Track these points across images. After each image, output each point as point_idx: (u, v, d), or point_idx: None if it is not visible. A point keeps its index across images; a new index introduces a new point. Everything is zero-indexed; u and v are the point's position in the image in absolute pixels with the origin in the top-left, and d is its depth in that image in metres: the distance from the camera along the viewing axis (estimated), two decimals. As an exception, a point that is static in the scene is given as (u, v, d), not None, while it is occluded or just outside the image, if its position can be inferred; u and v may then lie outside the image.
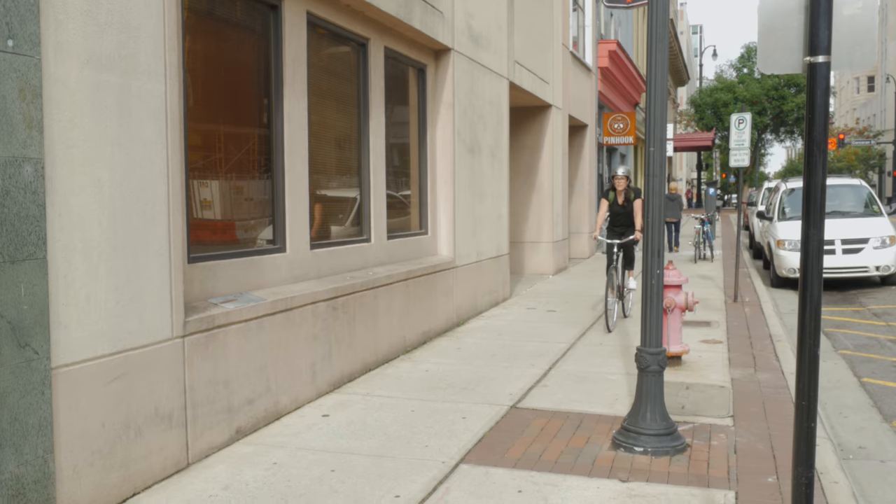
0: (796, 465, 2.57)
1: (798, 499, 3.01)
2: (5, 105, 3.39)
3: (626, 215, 9.27)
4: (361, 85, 7.39)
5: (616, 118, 19.50)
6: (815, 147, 2.98)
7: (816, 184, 2.96)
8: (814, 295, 2.93)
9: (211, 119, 5.33)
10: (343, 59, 7.14)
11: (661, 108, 4.83)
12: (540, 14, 13.37)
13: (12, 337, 3.42)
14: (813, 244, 2.95)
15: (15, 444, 3.43)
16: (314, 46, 6.54)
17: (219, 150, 5.40)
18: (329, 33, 6.81)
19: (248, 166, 5.71)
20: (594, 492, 4.24)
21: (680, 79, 49.19)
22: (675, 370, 6.95)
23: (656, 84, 4.76)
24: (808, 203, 2.98)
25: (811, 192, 2.97)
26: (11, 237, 3.42)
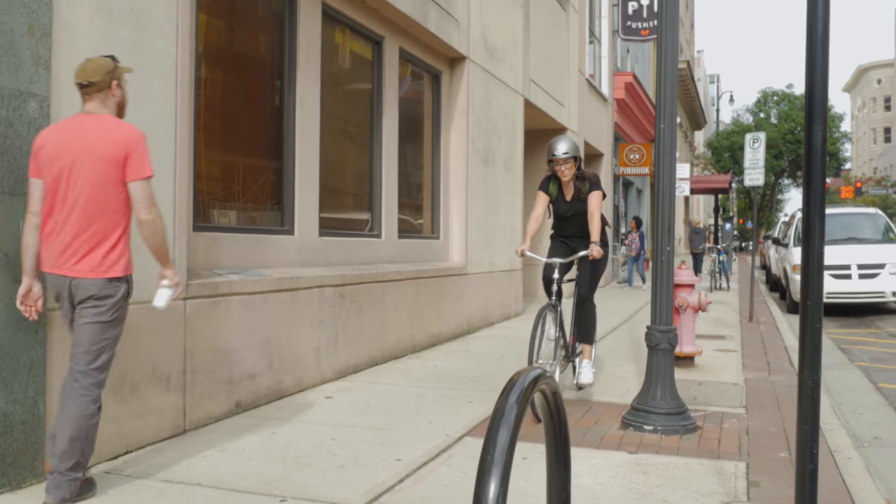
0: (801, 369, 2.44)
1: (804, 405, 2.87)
2: (13, 39, 3.40)
3: (578, 218, 5.52)
4: (375, 82, 7.43)
5: (632, 148, 19.53)
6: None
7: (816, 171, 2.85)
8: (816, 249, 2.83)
9: (223, 92, 5.35)
10: (357, 54, 7.18)
11: (671, 83, 4.79)
12: (556, 38, 13.49)
13: (7, 270, 3.38)
14: (815, 232, 2.84)
15: (5, 380, 3.37)
16: (328, 38, 6.59)
17: (230, 126, 5.41)
18: (344, 26, 6.87)
19: (258, 145, 5.70)
20: (602, 460, 4.11)
21: (697, 123, 49.39)
22: (687, 370, 6.80)
23: (667, 55, 4.72)
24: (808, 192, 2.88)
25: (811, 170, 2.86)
26: (12, 169, 3.40)
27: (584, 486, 3.70)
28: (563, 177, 5.34)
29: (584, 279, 5.46)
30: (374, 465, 3.95)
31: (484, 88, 9.66)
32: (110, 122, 3.30)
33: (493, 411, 1.31)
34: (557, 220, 5.65)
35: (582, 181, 5.41)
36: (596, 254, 5.11)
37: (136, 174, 3.28)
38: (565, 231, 5.64)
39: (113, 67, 3.37)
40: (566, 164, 5.29)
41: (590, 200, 5.37)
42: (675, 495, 3.59)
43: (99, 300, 3.26)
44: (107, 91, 3.36)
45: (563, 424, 1.51)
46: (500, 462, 1.20)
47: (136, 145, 3.28)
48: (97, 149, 3.22)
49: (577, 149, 5.31)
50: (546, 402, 1.47)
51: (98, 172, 3.22)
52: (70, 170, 3.22)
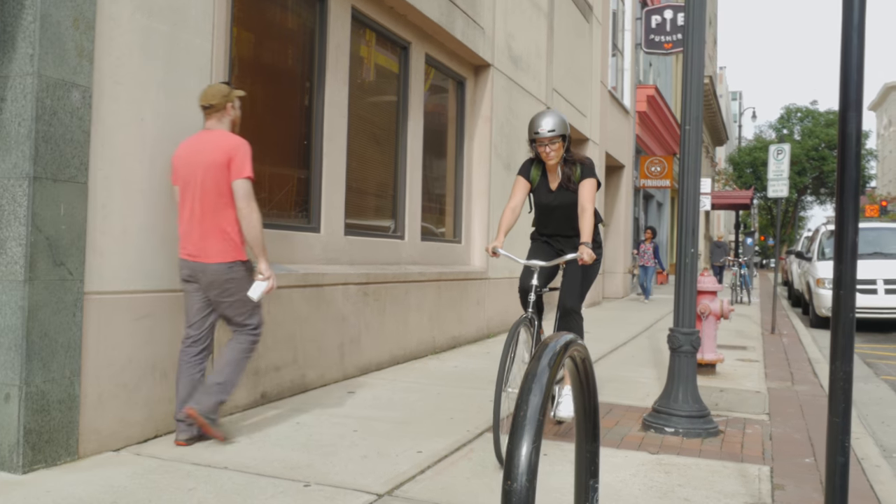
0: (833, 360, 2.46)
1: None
2: (59, 31, 3.51)
3: (565, 212, 4.61)
4: (401, 86, 7.52)
5: (653, 161, 19.52)
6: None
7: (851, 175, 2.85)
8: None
9: (254, 90, 5.45)
10: (384, 58, 7.28)
11: (697, 85, 4.83)
12: (579, 49, 13.55)
13: (49, 253, 3.48)
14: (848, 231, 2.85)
15: (43, 359, 3.46)
16: (356, 41, 6.69)
17: (260, 123, 5.51)
18: (372, 31, 6.97)
19: (287, 143, 5.80)
20: (622, 459, 4.13)
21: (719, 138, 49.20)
22: (708, 377, 6.79)
23: (692, 57, 4.77)
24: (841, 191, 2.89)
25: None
26: (55, 156, 3.50)
27: (605, 483, 3.72)
28: (548, 160, 4.41)
29: (571, 286, 4.49)
30: (395, 455, 4.00)
31: (507, 96, 9.73)
32: (222, 135, 3.97)
33: (524, 374, 1.35)
34: (540, 214, 4.69)
35: (572, 166, 4.46)
36: (587, 258, 4.17)
37: (237, 174, 3.91)
38: (549, 228, 4.70)
39: (228, 92, 4.06)
40: (552, 145, 4.34)
41: (581, 190, 4.40)
42: (697, 495, 3.60)
43: (226, 283, 3.95)
44: (223, 111, 4.06)
45: (592, 394, 1.55)
46: (532, 422, 1.25)
47: (238, 150, 3.92)
48: (211, 157, 3.89)
49: (566, 125, 4.37)
50: (576, 370, 1.52)
51: (212, 177, 3.89)
52: (194, 176, 3.91)
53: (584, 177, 4.45)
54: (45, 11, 3.43)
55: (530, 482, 1.16)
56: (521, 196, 4.60)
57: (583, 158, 4.51)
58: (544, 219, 4.70)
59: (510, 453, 1.20)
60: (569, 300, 4.50)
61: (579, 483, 1.54)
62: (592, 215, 4.36)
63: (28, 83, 3.41)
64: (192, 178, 3.91)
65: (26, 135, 3.41)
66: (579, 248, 4.23)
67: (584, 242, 4.25)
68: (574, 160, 4.48)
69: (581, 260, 4.21)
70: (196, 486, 3.37)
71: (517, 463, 1.17)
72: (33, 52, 3.40)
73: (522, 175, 4.60)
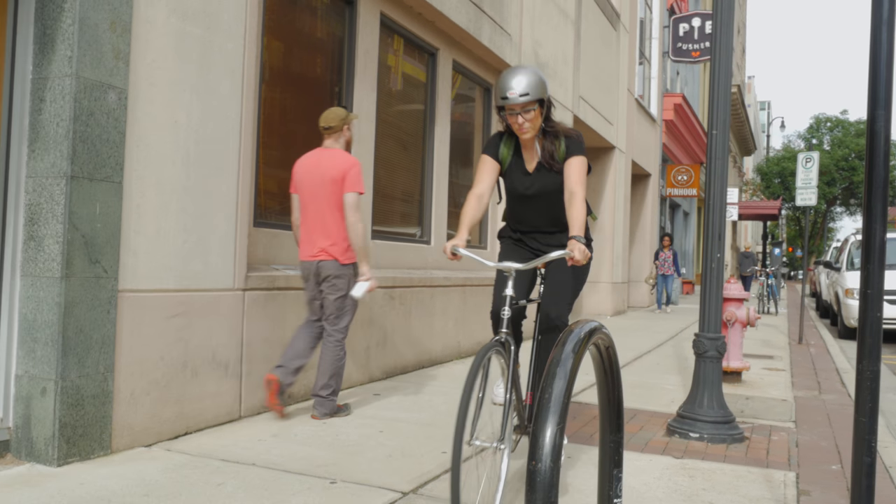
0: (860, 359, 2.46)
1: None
2: (97, 33, 3.60)
3: (547, 201, 3.66)
4: (429, 92, 7.58)
5: (680, 169, 19.42)
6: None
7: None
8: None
9: (283, 94, 5.53)
10: (412, 64, 7.35)
11: (724, 90, 4.83)
12: (606, 57, 13.55)
13: (85, 251, 3.56)
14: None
15: (78, 355, 3.54)
16: (385, 47, 6.76)
17: (289, 127, 5.59)
18: (400, 37, 7.04)
19: (315, 147, 5.87)
20: (646, 463, 4.13)
21: (747, 148, 48.80)
22: (734, 385, 6.75)
23: (720, 62, 4.77)
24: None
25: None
26: (92, 156, 3.59)
27: (629, 486, 3.73)
28: (521, 133, 3.45)
29: (557, 292, 3.47)
30: (420, 455, 4.03)
31: (535, 103, 9.74)
32: (338, 154, 4.56)
33: (549, 360, 1.38)
34: (513, 205, 3.69)
35: (554, 139, 3.50)
36: (579, 256, 3.15)
37: (350, 188, 4.51)
38: (524, 222, 3.69)
39: (345, 115, 4.66)
40: (527, 114, 3.38)
41: (568, 171, 3.44)
42: (722, 499, 3.60)
43: (335, 279, 4.53)
44: (339, 132, 4.67)
45: (616, 384, 1.58)
46: (556, 405, 1.28)
47: (351, 168, 4.52)
48: (329, 172, 4.49)
49: (544, 86, 3.40)
50: (600, 358, 1.54)
51: (328, 190, 4.49)
52: (313, 188, 4.52)
53: (571, 154, 3.46)
54: (84, 14, 3.52)
55: (555, 462, 1.19)
56: (489, 181, 3.57)
57: (568, 130, 3.53)
58: (519, 210, 3.67)
59: (535, 435, 1.23)
60: (554, 309, 3.42)
61: (603, 472, 1.56)
62: (583, 202, 3.39)
63: (67, 84, 3.50)
64: (312, 189, 4.53)
65: (64, 135, 3.50)
66: (569, 244, 3.19)
67: (574, 237, 3.23)
68: (556, 132, 3.49)
69: (571, 259, 3.16)
70: (225, 482, 3.43)
71: (542, 444, 1.20)
72: (72, 54, 3.50)
73: (489, 154, 3.59)
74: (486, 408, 3.49)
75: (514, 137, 3.60)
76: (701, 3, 26.58)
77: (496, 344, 3.03)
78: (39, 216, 3.54)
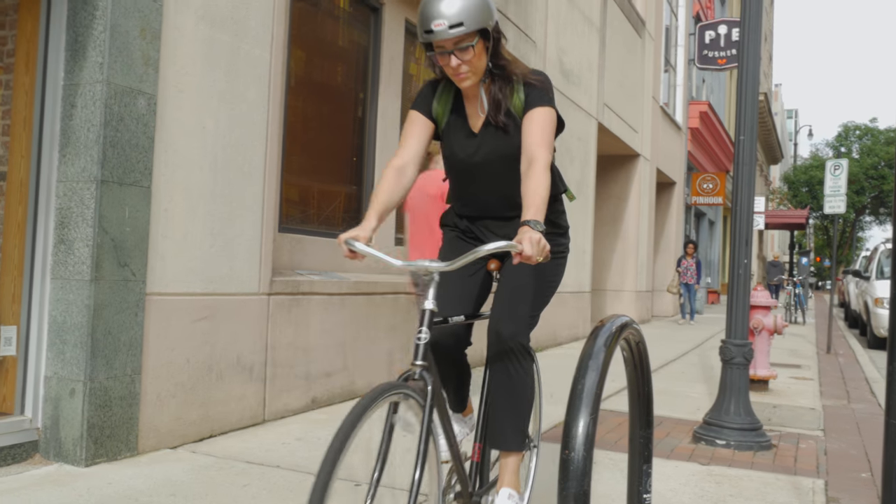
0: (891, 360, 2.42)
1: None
2: (128, 40, 3.66)
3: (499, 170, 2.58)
4: (453, 99, 7.60)
5: (705, 178, 19.29)
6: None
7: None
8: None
9: (309, 100, 5.58)
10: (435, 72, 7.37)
11: (752, 95, 4.80)
12: (631, 65, 13.51)
13: (114, 254, 3.61)
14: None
15: (106, 357, 3.58)
16: (410, 54, 6.80)
17: (315, 133, 5.63)
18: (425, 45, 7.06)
19: (340, 153, 5.91)
20: (672, 469, 4.09)
21: (773, 156, 48.37)
22: (761, 394, 6.68)
23: (748, 67, 4.74)
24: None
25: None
26: (121, 160, 3.65)
27: (655, 492, 3.69)
28: (458, 79, 2.49)
29: (511, 301, 2.51)
30: (445, 461, 4.02)
31: (558, 110, 9.74)
32: (436, 173, 4.93)
33: (580, 354, 1.38)
34: (456, 180, 2.70)
35: (504, 85, 2.52)
36: (530, 249, 2.09)
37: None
38: (472, 204, 2.70)
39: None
40: (463, 54, 2.41)
41: (526, 127, 2.45)
42: (748, 505, 3.56)
43: None
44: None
45: (646, 380, 1.57)
46: (588, 396, 1.28)
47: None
48: (430, 190, 4.86)
49: (488, 11, 2.40)
50: (630, 354, 1.54)
51: (429, 205, 4.86)
52: (420, 206, 4.90)
53: (532, 104, 2.47)
54: (115, 22, 3.58)
55: (587, 452, 1.20)
56: (417, 146, 2.59)
57: (527, 72, 2.54)
58: (463, 188, 2.69)
59: (568, 425, 1.23)
60: (505, 324, 2.47)
61: (633, 468, 1.56)
62: (546, 173, 2.33)
63: (97, 90, 3.56)
64: (419, 207, 4.92)
65: (95, 140, 3.56)
66: (519, 232, 2.15)
67: (528, 221, 2.18)
68: (509, 75, 2.51)
69: (520, 254, 2.09)
70: (250, 483, 3.45)
71: (574, 434, 1.21)
72: (103, 60, 3.56)
73: (419, 109, 2.64)
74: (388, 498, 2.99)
75: (452, 87, 2.63)
76: (727, 10, 26.43)
77: (392, 388, 1.93)
78: (70, 220, 3.59)
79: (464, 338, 2.62)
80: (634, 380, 1.56)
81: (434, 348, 2.51)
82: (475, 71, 2.48)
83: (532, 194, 2.29)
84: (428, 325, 2.17)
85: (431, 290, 2.18)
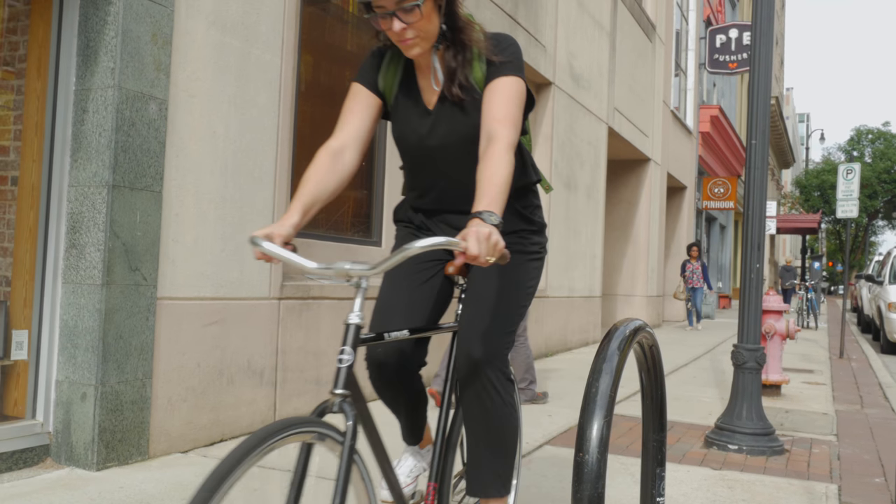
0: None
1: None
2: (139, 45, 3.68)
3: (458, 153, 2.16)
4: (463, 104, 7.60)
5: (717, 182, 19.23)
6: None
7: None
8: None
9: (319, 105, 5.59)
10: (446, 76, 7.38)
11: (763, 99, 4.78)
12: (641, 69, 13.49)
13: (125, 258, 3.62)
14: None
15: (118, 361, 3.59)
16: (420, 59, 6.81)
17: (324, 140, 5.64)
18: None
19: (350, 159, 5.92)
20: (684, 474, 4.07)
21: (785, 160, 48.17)
22: (773, 398, 6.63)
23: (759, 70, 4.72)
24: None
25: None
26: (133, 165, 3.66)
27: (667, 496, 3.67)
28: (404, 47, 2.10)
29: (480, 315, 2.12)
30: (457, 465, 4.01)
31: (568, 115, 9.74)
32: None
33: (595, 357, 1.37)
34: (409, 166, 2.32)
35: (461, 52, 2.12)
36: (476, 247, 1.65)
37: None
38: (428, 194, 2.31)
39: None
40: (408, 15, 2.03)
41: (487, 100, 2.06)
42: (761, 511, 3.53)
43: None
44: None
45: (660, 382, 1.56)
46: (602, 399, 1.27)
47: None
48: None
49: None
50: (643, 357, 1.53)
51: None
52: None
53: (495, 74, 2.07)
54: (127, 27, 3.60)
55: (601, 454, 1.19)
56: (358, 124, 2.19)
57: (489, 37, 2.13)
58: (417, 175, 2.31)
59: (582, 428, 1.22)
60: (476, 344, 2.08)
61: (646, 471, 1.54)
62: (507, 154, 1.92)
63: (109, 95, 3.58)
64: None
65: (106, 145, 3.57)
66: (468, 225, 1.72)
67: (479, 213, 1.77)
68: (466, 40, 2.10)
69: (464, 253, 1.69)
70: (262, 486, 3.45)
71: (588, 437, 1.20)
72: (114, 65, 3.58)
73: (363, 82, 2.23)
74: None
75: (401, 57, 2.23)
76: (738, 14, 26.37)
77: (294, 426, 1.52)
78: (81, 224, 3.61)
79: (413, 357, 2.19)
80: (647, 383, 1.54)
81: (378, 371, 2.16)
82: (425, 36, 2.07)
83: (487, 180, 1.85)
84: (352, 345, 1.71)
85: (358, 299, 1.75)
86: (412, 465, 2.46)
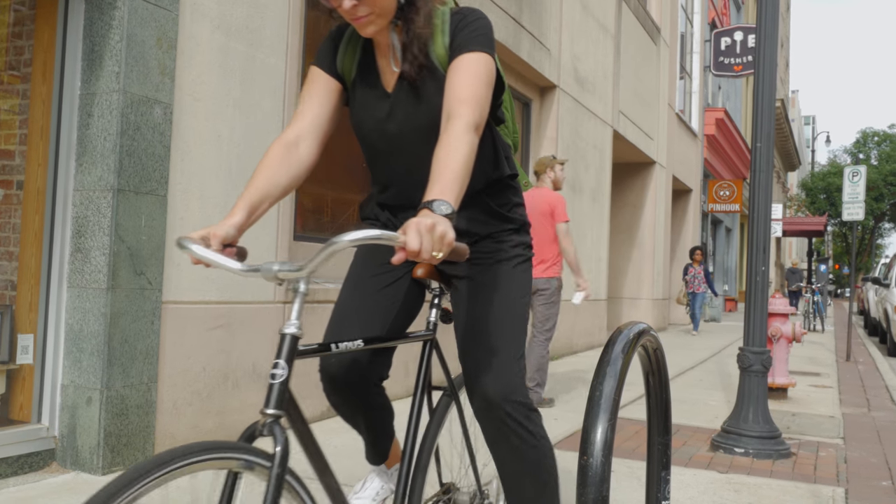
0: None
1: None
2: (144, 50, 3.69)
3: (424, 141, 1.94)
4: (467, 107, 7.61)
5: (722, 185, 19.19)
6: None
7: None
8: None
9: (324, 112, 5.60)
10: (451, 80, 7.38)
11: (768, 103, 4.76)
12: (646, 72, 13.48)
13: (130, 262, 3.63)
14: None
15: (123, 365, 3.60)
16: (424, 62, 6.81)
17: (328, 143, 5.65)
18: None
19: (354, 164, 5.93)
20: (690, 477, 4.05)
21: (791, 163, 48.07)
22: (780, 401, 6.61)
23: (764, 74, 4.71)
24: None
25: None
26: (138, 169, 3.67)
27: (673, 499, 3.66)
28: (357, 25, 1.82)
29: (485, 339, 1.88)
30: (463, 467, 4.01)
31: (573, 118, 9.73)
32: (545, 192, 5.62)
33: (598, 361, 1.37)
34: (371, 156, 2.09)
35: (419, 26, 1.85)
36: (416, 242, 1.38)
37: (559, 219, 5.59)
38: (391, 186, 2.10)
39: (550, 161, 5.74)
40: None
41: (450, 77, 1.80)
42: (768, 514, 3.52)
43: (544, 291, 5.54)
44: (544, 174, 5.77)
45: (664, 386, 1.56)
46: (607, 402, 1.27)
47: (558, 203, 5.58)
48: (540, 208, 5.57)
49: None
50: (648, 360, 1.52)
51: (539, 221, 5.55)
52: (535, 226, 5.54)
53: (460, 49, 1.83)
54: (131, 31, 3.61)
55: (606, 457, 1.18)
56: (317, 111, 1.98)
57: (454, 11, 1.91)
58: (378, 167, 2.10)
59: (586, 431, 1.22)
60: (488, 380, 1.85)
61: (651, 474, 1.54)
62: (468, 136, 1.69)
63: (114, 100, 3.59)
64: (535, 228, 5.53)
65: (111, 149, 3.58)
66: (419, 215, 1.46)
67: (429, 202, 1.53)
68: (426, 15, 1.86)
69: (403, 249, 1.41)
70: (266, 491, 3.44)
71: (593, 440, 1.20)
72: (119, 70, 3.59)
73: (321, 65, 2.01)
74: None
75: (358, 39, 2.01)
76: (743, 16, 26.35)
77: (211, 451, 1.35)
78: (86, 228, 3.61)
79: (371, 368, 1.97)
80: (652, 387, 1.54)
81: (332, 384, 1.95)
82: (379, 12, 1.81)
83: (442, 164, 1.61)
84: (286, 358, 1.46)
85: (296, 305, 1.50)
86: (378, 487, 2.17)
